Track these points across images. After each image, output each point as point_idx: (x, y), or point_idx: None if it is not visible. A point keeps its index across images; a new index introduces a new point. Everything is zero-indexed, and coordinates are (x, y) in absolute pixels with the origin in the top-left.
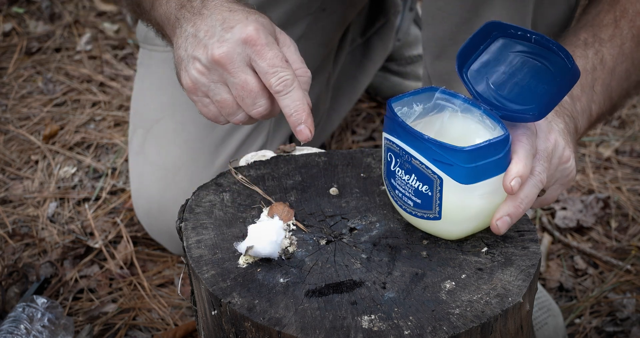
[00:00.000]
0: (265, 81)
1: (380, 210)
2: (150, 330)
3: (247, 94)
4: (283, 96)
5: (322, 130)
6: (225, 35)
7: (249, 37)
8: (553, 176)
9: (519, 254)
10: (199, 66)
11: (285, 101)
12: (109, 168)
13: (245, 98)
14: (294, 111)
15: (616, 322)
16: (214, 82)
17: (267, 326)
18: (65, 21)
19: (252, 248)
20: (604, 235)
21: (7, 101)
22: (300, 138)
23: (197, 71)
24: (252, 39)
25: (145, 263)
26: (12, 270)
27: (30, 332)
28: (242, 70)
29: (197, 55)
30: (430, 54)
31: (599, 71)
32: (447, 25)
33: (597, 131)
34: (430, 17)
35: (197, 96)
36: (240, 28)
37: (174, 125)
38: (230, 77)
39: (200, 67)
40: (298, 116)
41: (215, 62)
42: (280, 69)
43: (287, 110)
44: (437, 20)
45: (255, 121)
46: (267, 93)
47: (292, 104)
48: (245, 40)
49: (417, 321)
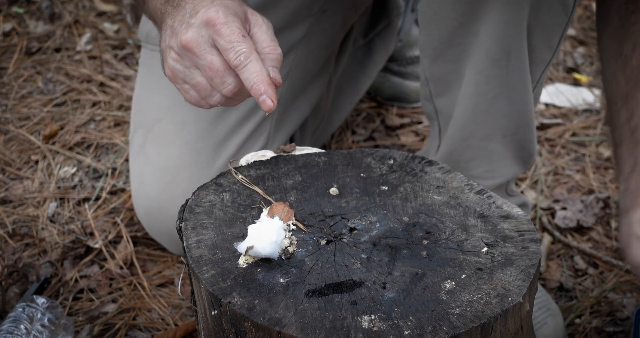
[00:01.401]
0: (226, 58)
1: (380, 210)
2: (150, 330)
3: (215, 74)
4: (242, 70)
5: (323, 130)
6: (191, 21)
7: (209, 18)
8: None
9: (519, 254)
10: (173, 54)
11: (244, 74)
12: (109, 168)
13: (214, 78)
14: (253, 83)
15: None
16: (187, 67)
17: (267, 326)
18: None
19: (252, 248)
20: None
21: (7, 101)
22: (263, 108)
23: (172, 59)
24: (211, 20)
25: (145, 263)
26: (12, 270)
27: (30, 332)
28: (207, 51)
29: (171, 44)
30: (427, 57)
31: None
32: (444, 29)
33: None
34: (427, 21)
35: (178, 83)
36: (203, 11)
37: (175, 125)
38: (199, 60)
39: (174, 55)
40: (257, 87)
41: (184, 47)
42: (237, 43)
43: (247, 83)
44: (433, 23)
45: (235, 102)
46: (234, 71)
47: (250, 76)
48: (207, 21)
49: (417, 321)
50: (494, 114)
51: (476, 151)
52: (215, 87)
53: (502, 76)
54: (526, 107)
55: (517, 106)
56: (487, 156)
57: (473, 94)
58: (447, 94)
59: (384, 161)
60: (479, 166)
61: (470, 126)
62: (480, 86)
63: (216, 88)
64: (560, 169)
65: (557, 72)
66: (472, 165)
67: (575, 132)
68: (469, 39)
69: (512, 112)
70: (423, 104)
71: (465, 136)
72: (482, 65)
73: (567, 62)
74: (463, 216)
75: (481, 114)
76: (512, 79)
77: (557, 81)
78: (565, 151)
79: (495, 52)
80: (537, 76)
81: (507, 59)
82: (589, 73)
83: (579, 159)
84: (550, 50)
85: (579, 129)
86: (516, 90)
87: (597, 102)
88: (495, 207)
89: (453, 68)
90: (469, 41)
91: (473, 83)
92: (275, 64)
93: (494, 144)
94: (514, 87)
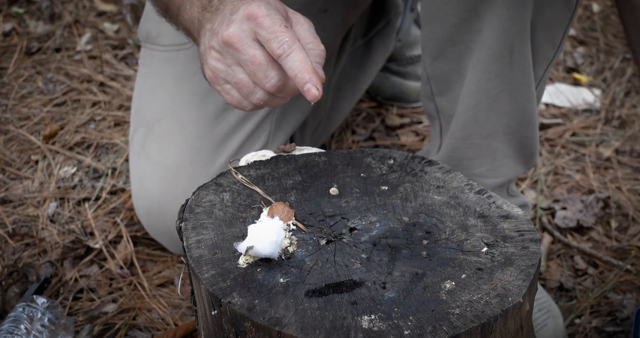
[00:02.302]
0: (269, 49)
1: (380, 210)
2: (150, 330)
3: (257, 67)
4: (285, 59)
5: (323, 130)
6: (232, 17)
7: (251, 12)
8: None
9: (519, 254)
10: (214, 53)
11: (287, 63)
12: (109, 167)
13: (256, 73)
14: (297, 71)
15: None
16: (229, 65)
17: (267, 326)
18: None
19: (252, 248)
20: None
21: (7, 101)
22: (308, 98)
23: (213, 58)
24: (253, 14)
25: (145, 263)
26: (12, 270)
27: (30, 332)
28: (249, 45)
29: (212, 44)
30: (429, 54)
31: None
32: (446, 26)
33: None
34: (429, 18)
35: (219, 84)
36: (244, 7)
37: (175, 125)
38: (241, 55)
39: (215, 54)
40: (302, 76)
41: (225, 43)
42: (280, 33)
43: (291, 72)
44: (435, 20)
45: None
46: (277, 64)
47: (294, 65)
48: (248, 16)
49: (417, 321)
50: (496, 112)
51: (478, 149)
52: (258, 83)
53: (505, 74)
54: (529, 105)
55: (519, 104)
56: (490, 154)
57: (475, 92)
58: (449, 93)
59: (384, 161)
60: (481, 164)
61: (472, 124)
62: (483, 84)
63: (259, 84)
64: (560, 169)
65: (557, 72)
66: (474, 164)
67: (575, 132)
68: (471, 36)
69: (514, 110)
70: (424, 103)
71: (467, 134)
72: (484, 62)
73: (567, 62)
74: (463, 216)
75: (483, 112)
76: (515, 77)
77: (557, 81)
78: (565, 151)
79: (498, 49)
80: (540, 73)
81: (510, 56)
82: (589, 73)
83: (579, 159)
84: (553, 47)
85: (579, 129)
86: (519, 88)
87: (597, 102)
88: (495, 207)
89: (455, 66)
90: (472, 38)
91: (475, 81)
92: (319, 60)
93: (496, 142)
94: (516, 85)
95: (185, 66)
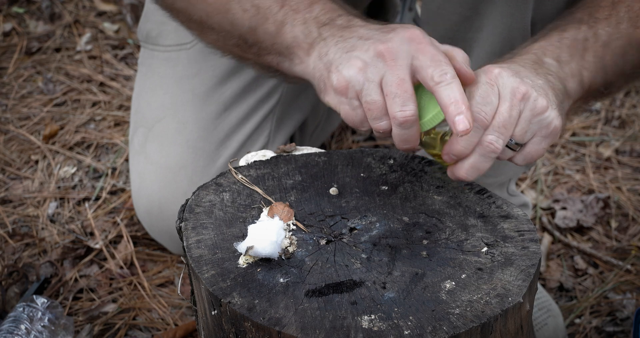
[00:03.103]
0: (425, 75)
1: (380, 210)
2: (150, 330)
3: (402, 93)
4: (444, 86)
5: (323, 130)
6: (389, 35)
7: (414, 35)
8: (528, 129)
9: (519, 254)
10: (358, 62)
11: (445, 91)
12: (109, 167)
13: (396, 97)
14: (454, 100)
15: (616, 322)
16: (369, 80)
17: (267, 326)
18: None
19: (252, 248)
20: (604, 235)
21: (7, 101)
22: (458, 128)
23: (354, 68)
24: (417, 37)
25: (145, 263)
26: (12, 270)
27: (31, 332)
28: (403, 66)
29: (357, 54)
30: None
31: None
32: (447, 24)
33: (597, 131)
34: (430, 16)
35: (348, 96)
36: (403, 29)
37: (175, 125)
38: (389, 73)
39: (358, 64)
40: (458, 106)
41: (379, 55)
42: (444, 63)
43: (447, 100)
44: (436, 19)
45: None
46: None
47: (452, 93)
48: (410, 38)
49: (417, 321)
50: None
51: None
52: (391, 109)
53: None
54: None
55: None
56: None
57: None
58: None
59: (384, 161)
60: None
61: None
62: None
63: (392, 109)
64: (560, 169)
65: None
66: None
67: (575, 132)
68: (472, 34)
69: None
70: None
71: None
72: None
73: None
74: (463, 216)
75: None
76: None
77: None
78: (565, 151)
79: (499, 46)
80: None
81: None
82: None
83: (579, 159)
84: None
85: (579, 129)
86: None
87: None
88: (495, 207)
89: None
90: (473, 36)
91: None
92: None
93: None
94: None
95: (185, 66)
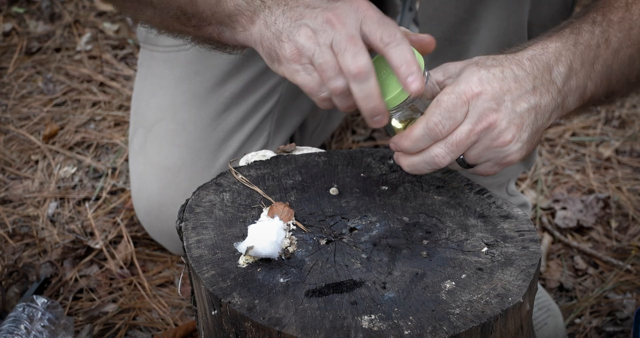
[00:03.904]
0: (374, 37)
1: (380, 210)
2: (150, 330)
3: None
4: (394, 48)
5: (323, 130)
6: (336, 4)
7: (360, 4)
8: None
9: (519, 254)
10: (307, 30)
11: (396, 52)
12: (109, 168)
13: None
14: (403, 61)
15: (616, 322)
16: (319, 44)
17: (267, 326)
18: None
19: (252, 248)
20: (604, 235)
21: (7, 101)
22: (411, 88)
23: (304, 36)
24: (363, 5)
25: (145, 263)
26: (12, 270)
27: (31, 332)
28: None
29: (305, 21)
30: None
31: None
32: (444, 25)
33: (597, 131)
34: (427, 17)
35: (301, 62)
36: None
37: (175, 125)
38: (337, 34)
39: (307, 32)
40: (409, 66)
41: (327, 21)
42: (391, 25)
43: (397, 61)
44: (433, 20)
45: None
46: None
47: (402, 54)
48: (357, 7)
49: (417, 321)
50: None
51: None
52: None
53: None
54: None
55: None
56: None
57: None
58: None
59: (384, 161)
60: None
61: None
62: None
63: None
64: (560, 169)
65: None
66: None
67: (575, 132)
68: (469, 36)
69: None
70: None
71: None
72: None
73: None
74: (463, 216)
75: None
76: None
77: None
78: (565, 151)
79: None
80: None
81: None
82: None
83: (579, 159)
84: None
85: (579, 129)
86: None
87: None
88: (495, 207)
89: None
90: (469, 38)
91: None
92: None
93: None
94: None
95: (185, 67)
